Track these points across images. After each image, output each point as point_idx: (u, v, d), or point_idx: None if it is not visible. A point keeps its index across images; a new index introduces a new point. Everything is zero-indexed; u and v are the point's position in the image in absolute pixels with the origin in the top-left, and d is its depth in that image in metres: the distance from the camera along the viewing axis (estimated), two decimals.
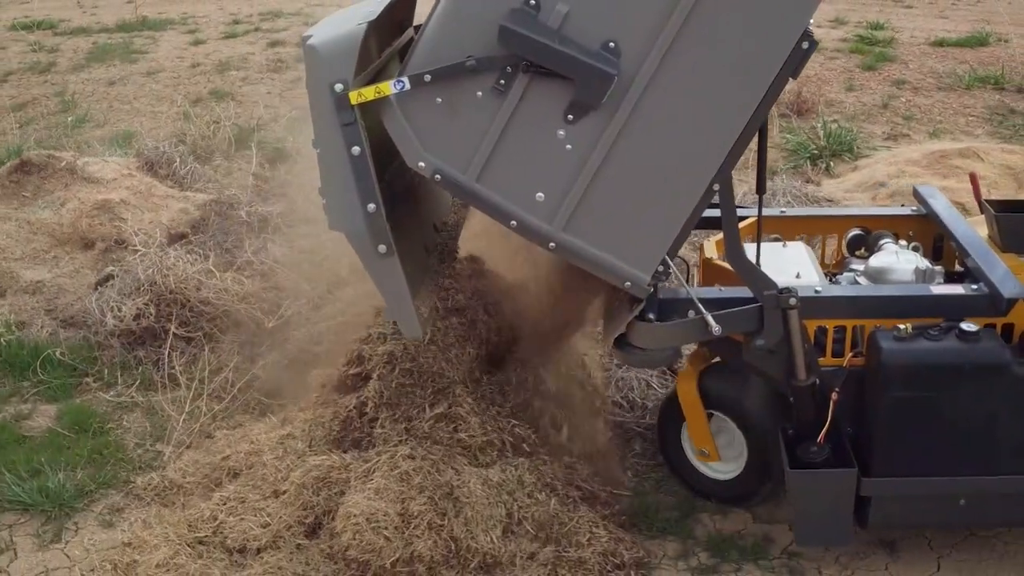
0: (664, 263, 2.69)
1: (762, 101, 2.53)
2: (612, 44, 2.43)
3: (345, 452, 3.38)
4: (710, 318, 2.77)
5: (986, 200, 3.46)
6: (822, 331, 3.01)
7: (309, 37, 2.53)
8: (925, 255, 3.37)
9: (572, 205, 2.58)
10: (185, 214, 5.57)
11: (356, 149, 2.49)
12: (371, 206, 2.53)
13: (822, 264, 3.52)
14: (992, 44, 8.56)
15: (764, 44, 2.46)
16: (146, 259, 4.86)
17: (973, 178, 3.86)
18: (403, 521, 3.06)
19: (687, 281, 3.20)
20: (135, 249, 5.03)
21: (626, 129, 2.51)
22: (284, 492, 3.32)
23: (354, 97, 2.46)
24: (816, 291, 2.93)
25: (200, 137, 6.96)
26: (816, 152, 6.26)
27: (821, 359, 2.97)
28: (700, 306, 2.77)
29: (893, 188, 5.45)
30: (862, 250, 3.49)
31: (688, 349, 3.42)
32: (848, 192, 5.61)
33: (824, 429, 2.90)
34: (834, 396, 2.88)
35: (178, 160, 6.22)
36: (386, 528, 3.04)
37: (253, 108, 7.56)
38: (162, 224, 5.46)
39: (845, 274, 3.33)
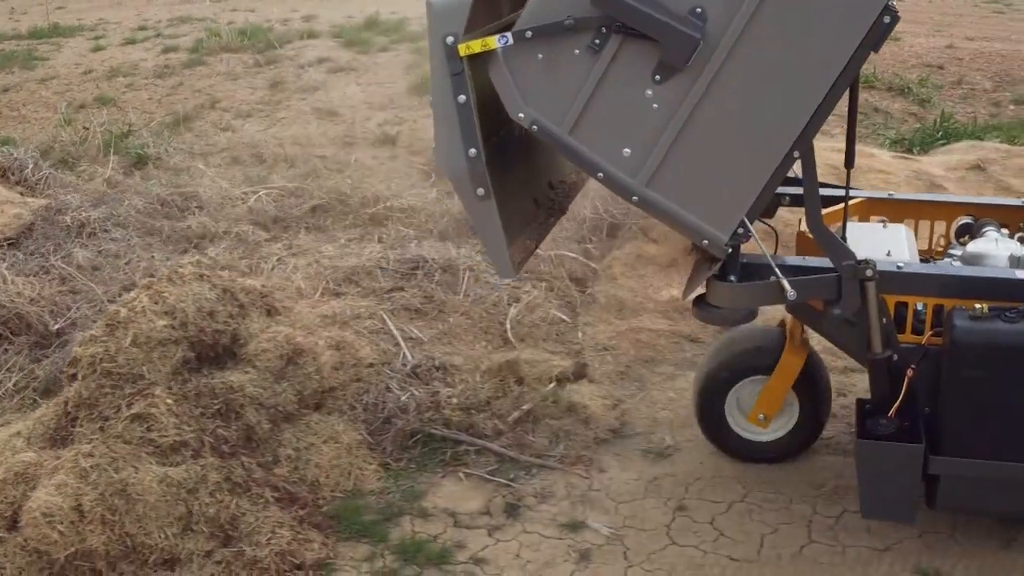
0: (743, 225, 2.77)
1: (842, 73, 2.61)
2: (699, 9, 2.56)
3: (56, 450, 3.46)
4: (786, 282, 2.85)
5: None
6: (904, 308, 3.04)
7: None
8: None
9: (656, 162, 2.71)
10: (18, 219, 5.65)
11: (462, 97, 2.66)
12: (472, 151, 2.69)
13: (929, 250, 3.58)
14: None
15: (846, 16, 2.56)
16: None
17: None
18: (78, 516, 3.12)
19: (775, 250, 3.32)
20: None
21: (709, 91, 2.63)
22: None
23: (462, 49, 2.63)
24: (898, 266, 2.97)
25: (70, 143, 7.08)
26: None
27: (901, 335, 3.01)
28: (777, 270, 2.86)
29: None
30: (966, 237, 3.50)
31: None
32: None
33: (896, 404, 2.94)
34: (909, 372, 2.93)
35: (31, 166, 6.32)
36: (60, 523, 3.11)
37: (132, 114, 7.66)
38: None
39: (945, 259, 3.38)
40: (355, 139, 6.95)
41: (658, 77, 2.64)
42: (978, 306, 2.84)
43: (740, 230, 2.78)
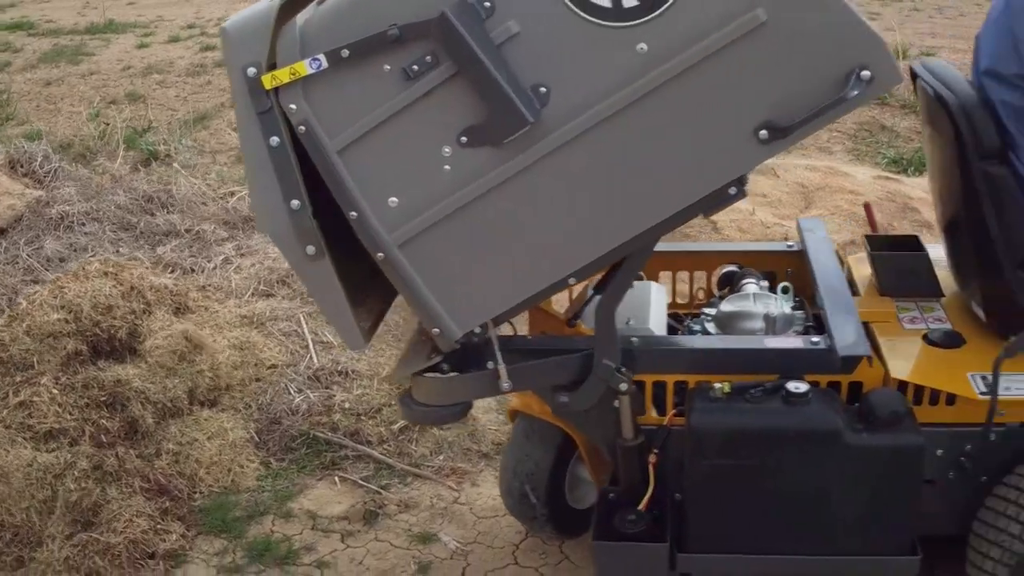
0: (484, 327, 2.47)
1: (656, 227, 2.30)
2: (544, 90, 2.18)
3: None
4: (503, 370, 2.50)
5: (866, 236, 3.23)
6: (649, 386, 2.77)
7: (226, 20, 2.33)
8: (803, 296, 3.11)
9: (420, 227, 2.34)
10: (11, 210, 6.00)
11: (275, 140, 2.25)
12: (295, 203, 2.28)
13: (690, 304, 3.33)
14: (911, 57, 8.21)
15: (687, 172, 2.22)
16: None
17: (868, 209, 3.57)
18: None
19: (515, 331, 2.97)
20: None
21: (512, 181, 2.26)
22: None
23: (267, 81, 2.21)
24: (632, 341, 2.67)
25: (90, 137, 7.45)
26: None
27: (642, 417, 2.72)
28: (499, 355, 2.49)
29: None
30: (727, 290, 3.23)
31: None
32: None
33: (648, 495, 2.66)
34: (652, 458, 2.65)
35: (40, 158, 6.68)
36: None
37: (156, 111, 8.01)
38: None
39: (702, 318, 3.10)
40: None
41: (464, 139, 2.24)
42: (718, 385, 2.56)
43: (478, 330, 2.46)
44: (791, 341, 2.74)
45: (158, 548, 3.38)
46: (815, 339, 2.67)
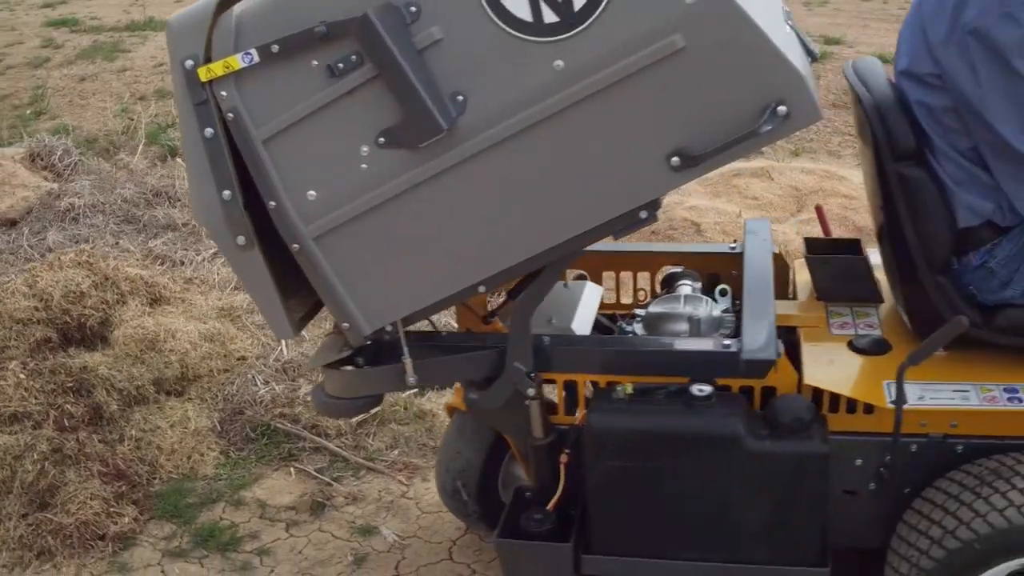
0: (394, 326, 2.52)
1: (564, 243, 2.32)
2: (461, 98, 2.20)
3: None
4: (409, 365, 2.54)
5: (805, 239, 3.21)
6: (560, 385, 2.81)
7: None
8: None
9: (335, 222, 2.39)
10: (24, 201, 6.22)
11: (209, 131, 2.31)
12: (226, 193, 2.33)
13: (633, 305, 3.32)
14: None
15: (597, 192, 2.23)
16: None
17: (819, 211, 3.52)
18: None
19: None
20: None
21: (426, 186, 2.30)
22: None
23: (203, 73, 2.28)
24: (543, 340, 2.66)
25: (115, 133, 7.66)
26: None
27: (554, 416, 2.75)
28: (406, 349, 2.53)
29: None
30: (665, 291, 3.23)
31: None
32: None
33: (557, 495, 2.68)
34: (563, 458, 2.66)
35: (59, 152, 6.88)
36: None
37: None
38: None
39: (634, 320, 3.12)
40: None
41: (382, 140, 2.26)
42: (620, 387, 2.55)
43: (389, 328, 2.51)
44: (700, 343, 2.71)
45: (109, 530, 3.48)
46: (727, 342, 2.63)
